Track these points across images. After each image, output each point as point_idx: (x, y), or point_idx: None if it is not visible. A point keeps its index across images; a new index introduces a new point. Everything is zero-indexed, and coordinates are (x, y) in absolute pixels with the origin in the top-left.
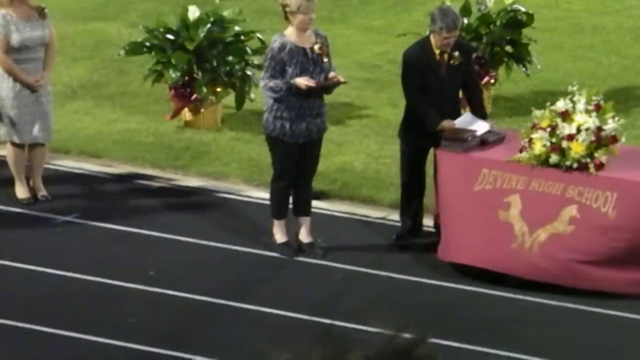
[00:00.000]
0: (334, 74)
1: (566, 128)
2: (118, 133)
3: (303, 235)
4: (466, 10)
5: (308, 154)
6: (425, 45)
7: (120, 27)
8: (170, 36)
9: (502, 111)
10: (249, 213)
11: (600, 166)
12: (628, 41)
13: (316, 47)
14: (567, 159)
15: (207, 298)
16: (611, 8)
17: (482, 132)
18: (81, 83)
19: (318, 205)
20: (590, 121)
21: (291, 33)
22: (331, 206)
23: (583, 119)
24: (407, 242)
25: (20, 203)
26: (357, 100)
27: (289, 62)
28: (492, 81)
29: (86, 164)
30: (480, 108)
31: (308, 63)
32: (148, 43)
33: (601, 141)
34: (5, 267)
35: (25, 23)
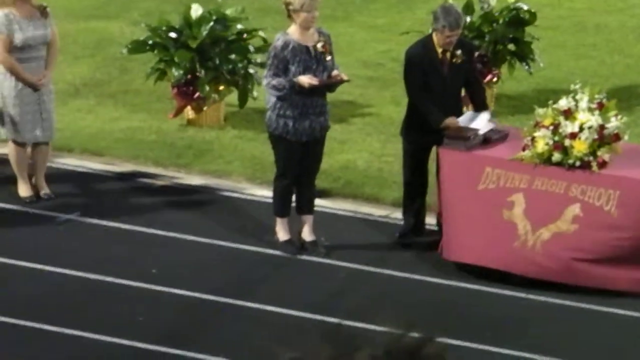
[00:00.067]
0: (337, 72)
1: (569, 126)
2: (120, 131)
3: (306, 233)
4: (469, 8)
5: (311, 152)
6: (427, 43)
7: (122, 26)
8: (172, 34)
9: (505, 109)
10: (252, 211)
11: (602, 164)
12: (631, 40)
13: (319, 46)
14: (570, 157)
15: (210, 296)
16: (614, 7)
17: (485, 130)
18: (84, 81)
19: (321, 203)
20: (593, 119)
21: (294, 31)
22: (334, 204)
23: (586, 117)
24: (410, 241)
25: (22, 201)
26: (360, 98)
27: (292, 61)
28: (495, 79)
29: (89, 162)
30: (483, 106)
31: (311, 61)
32: (150, 41)
33: (604, 139)
34: (7, 265)
35: (28, 22)
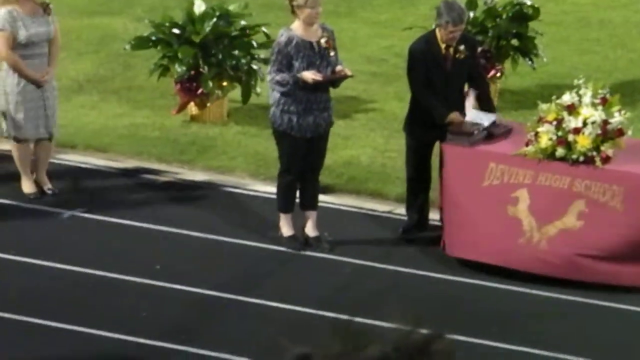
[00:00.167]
0: (341, 68)
1: (572, 121)
2: (124, 127)
3: (310, 229)
4: (472, 3)
5: (315, 148)
6: (431, 39)
7: (126, 22)
8: (176, 30)
9: (508, 105)
10: (255, 207)
11: (606, 159)
12: (635, 35)
13: (323, 41)
14: (574, 153)
15: (214, 292)
16: (618, 2)
17: (489, 124)
18: (87, 77)
19: (324, 199)
20: (596, 114)
21: (298, 27)
22: (337, 200)
23: (589, 113)
24: (414, 236)
25: (26, 197)
26: (364, 94)
27: (296, 56)
28: (498, 75)
29: (92, 159)
30: (487, 101)
31: (315, 57)
32: (154, 37)
33: (607, 134)
34: (10, 261)
35: (31, 19)
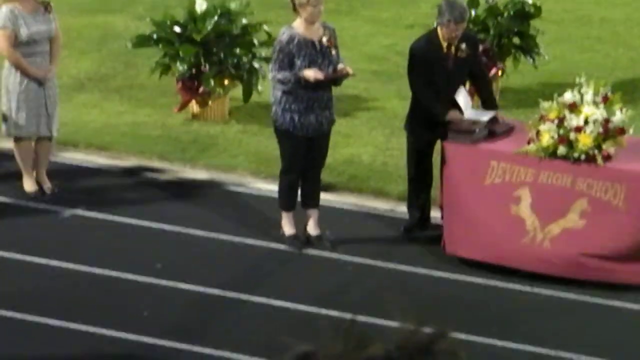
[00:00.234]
0: (343, 66)
1: (574, 120)
2: (125, 126)
3: (311, 227)
4: (473, 1)
5: (316, 147)
6: (432, 37)
7: (127, 20)
8: (177, 29)
9: (510, 103)
10: (257, 205)
11: (608, 158)
12: (636, 33)
13: (324, 40)
14: (575, 151)
15: (215, 290)
16: (619, 0)
17: (488, 121)
18: (89, 76)
19: (326, 197)
20: (597, 113)
21: (299, 25)
22: (339, 198)
23: (591, 111)
24: (415, 235)
25: (27, 196)
26: (365, 92)
27: (298, 55)
28: (500, 73)
29: (94, 157)
30: (490, 99)
31: (316, 55)
32: (155, 36)
33: (609, 133)
34: (12, 260)
35: (32, 17)
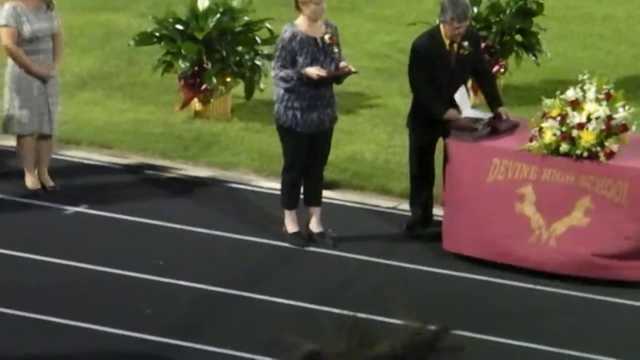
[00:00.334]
0: (345, 64)
1: (576, 117)
2: (128, 123)
3: (314, 225)
4: None
5: (319, 144)
6: (434, 35)
7: (129, 18)
8: (179, 26)
9: (512, 100)
10: (259, 203)
11: (610, 155)
12: (638, 30)
13: (326, 37)
14: (578, 148)
15: (217, 288)
16: None
17: (492, 118)
18: (91, 74)
19: (328, 194)
20: (600, 110)
21: (302, 23)
22: (341, 196)
23: (593, 108)
24: (418, 232)
25: (30, 194)
26: (368, 89)
27: (300, 52)
28: (502, 70)
29: (96, 155)
30: (495, 96)
31: (319, 53)
32: (158, 33)
33: (611, 130)
34: (13, 257)
35: (34, 14)
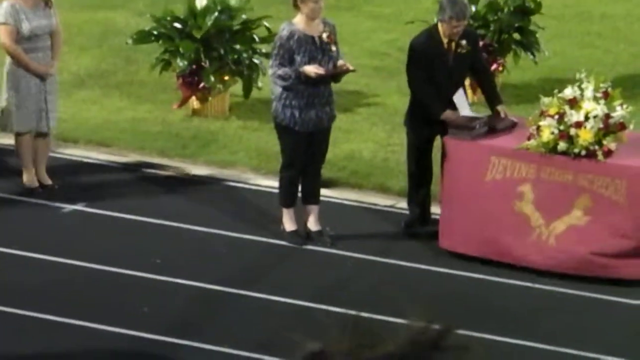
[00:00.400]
0: (343, 62)
1: (574, 115)
2: (126, 122)
3: (312, 223)
4: None
5: (317, 142)
6: (433, 33)
7: (127, 16)
8: (177, 25)
9: (510, 99)
10: (257, 201)
11: (608, 153)
12: (636, 28)
13: (324, 36)
14: (576, 147)
15: (215, 286)
16: None
17: (490, 116)
18: (89, 72)
19: (326, 193)
20: (598, 108)
21: (300, 21)
22: (339, 194)
23: (591, 106)
24: (416, 230)
25: (28, 192)
26: (366, 88)
27: (298, 51)
28: (500, 69)
29: (94, 153)
30: (493, 94)
31: (316, 51)
32: (155, 32)
33: (609, 128)
34: (12, 255)
35: (33, 12)
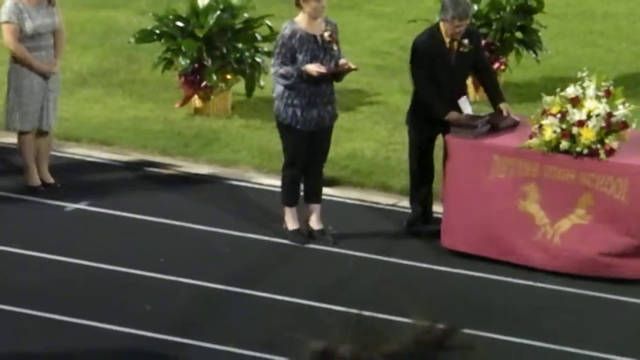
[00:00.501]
0: (345, 61)
1: (576, 114)
2: (128, 121)
3: (314, 222)
4: None
5: (319, 141)
6: (435, 32)
7: (129, 15)
8: (179, 23)
9: (512, 97)
10: (259, 200)
11: (610, 152)
12: (639, 27)
13: (326, 35)
14: (578, 145)
15: (218, 285)
16: None
17: (492, 114)
18: (91, 71)
19: (328, 192)
20: (600, 107)
21: (301, 20)
22: (341, 193)
23: (593, 105)
24: (418, 229)
25: (30, 190)
26: (368, 86)
27: (300, 49)
28: (502, 67)
29: (96, 152)
30: (496, 91)
31: (318, 50)
32: (158, 30)
33: (611, 127)
34: (14, 254)
35: (36, 10)
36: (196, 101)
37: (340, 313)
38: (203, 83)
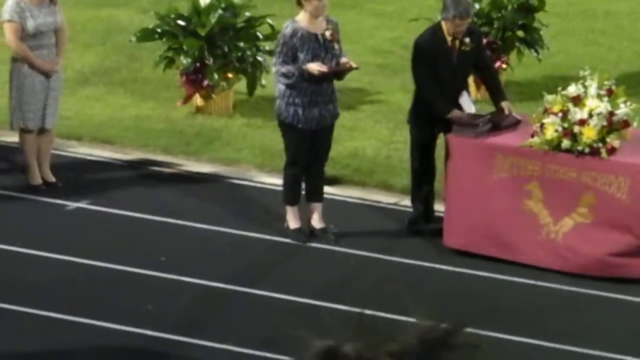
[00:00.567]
0: (346, 60)
1: (578, 113)
2: (130, 119)
3: (315, 220)
4: None
5: (320, 140)
6: (436, 31)
7: (131, 14)
8: (181, 22)
9: (514, 96)
10: (261, 199)
11: (612, 151)
12: None
13: (327, 34)
14: (579, 144)
15: (219, 284)
16: None
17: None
18: (93, 69)
19: (330, 190)
20: (602, 106)
21: (303, 19)
22: (343, 192)
23: (595, 104)
24: (420, 228)
25: (32, 189)
26: (369, 85)
27: (301, 48)
28: (504, 66)
29: (98, 150)
30: (497, 90)
31: (319, 49)
32: (159, 29)
33: (613, 126)
34: (16, 253)
35: (38, 9)
36: (198, 100)
37: (341, 312)
38: (205, 82)
